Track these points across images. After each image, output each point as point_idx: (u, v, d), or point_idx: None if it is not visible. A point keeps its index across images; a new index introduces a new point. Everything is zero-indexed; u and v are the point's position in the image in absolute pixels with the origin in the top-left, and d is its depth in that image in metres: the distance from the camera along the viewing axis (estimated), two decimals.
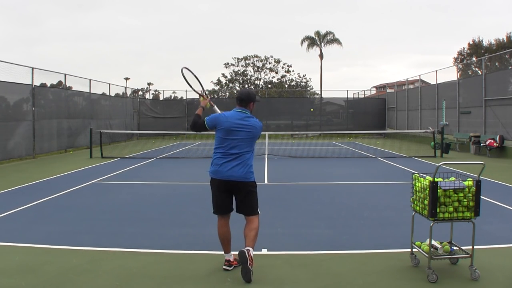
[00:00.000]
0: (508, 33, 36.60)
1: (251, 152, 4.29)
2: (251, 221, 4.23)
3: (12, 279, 4.10)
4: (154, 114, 29.86)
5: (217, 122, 4.29)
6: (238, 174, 4.15)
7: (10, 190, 9.05)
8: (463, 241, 4.53)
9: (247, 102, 4.31)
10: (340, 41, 43.93)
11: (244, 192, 4.22)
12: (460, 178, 4.12)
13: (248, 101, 4.31)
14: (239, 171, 4.16)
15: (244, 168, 4.18)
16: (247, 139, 4.21)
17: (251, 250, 4.07)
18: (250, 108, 4.33)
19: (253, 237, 4.16)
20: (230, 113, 4.31)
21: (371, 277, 4.10)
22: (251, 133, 4.23)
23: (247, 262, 3.93)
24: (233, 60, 48.24)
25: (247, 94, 4.36)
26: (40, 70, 16.75)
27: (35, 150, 16.03)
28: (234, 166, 4.15)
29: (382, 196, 8.37)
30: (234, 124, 4.20)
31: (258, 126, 4.30)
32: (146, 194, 8.70)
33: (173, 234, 5.72)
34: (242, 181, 4.18)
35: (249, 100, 4.32)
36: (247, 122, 4.24)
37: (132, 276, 4.17)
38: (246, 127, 4.22)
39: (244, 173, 4.18)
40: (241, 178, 4.17)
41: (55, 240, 5.36)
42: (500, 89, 16.52)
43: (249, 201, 4.25)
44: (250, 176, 4.23)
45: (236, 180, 4.16)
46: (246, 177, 4.20)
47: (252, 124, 4.25)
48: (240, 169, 4.16)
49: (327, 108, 33.62)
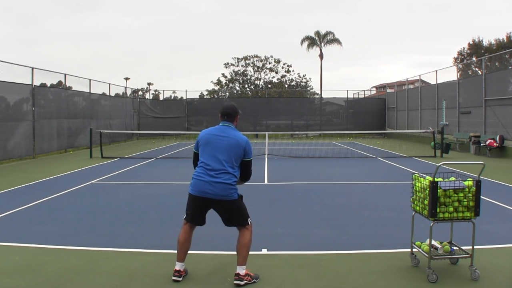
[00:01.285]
0: (508, 33, 36.62)
1: (235, 168, 3.95)
2: (242, 234, 4.03)
3: (12, 279, 4.10)
4: (154, 114, 29.86)
5: (197, 140, 4.09)
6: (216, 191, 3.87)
7: (10, 190, 9.05)
8: (463, 241, 4.53)
9: (234, 116, 4.09)
10: (340, 41, 43.98)
11: (225, 208, 3.98)
12: (460, 178, 4.12)
13: (235, 114, 4.09)
14: (217, 187, 3.86)
15: (223, 185, 3.87)
16: (229, 150, 3.91)
17: (241, 271, 3.94)
18: (237, 121, 4.13)
19: (244, 254, 3.99)
20: (212, 128, 4.11)
21: (371, 277, 4.10)
22: (233, 144, 3.92)
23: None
24: (233, 60, 48.22)
25: (233, 107, 4.12)
26: (40, 70, 16.77)
27: (35, 150, 16.03)
28: (211, 182, 3.87)
29: (382, 196, 8.37)
30: (213, 136, 3.99)
31: (242, 139, 3.98)
32: (146, 194, 8.70)
33: (173, 234, 5.69)
34: (221, 199, 3.90)
35: (236, 113, 4.10)
36: (227, 134, 3.98)
37: (132, 276, 4.17)
38: (226, 139, 3.95)
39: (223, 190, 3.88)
40: (220, 197, 3.89)
41: (55, 240, 5.36)
42: (500, 89, 16.52)
43: (231, 216, 4.03)
44: (230, 194, 3.92)
45: (214, 198, 3.89)
46: (225, 194, 3.90)
47: (234, 135, 3.99)
48: (219, 186, 3.86)
49: (327, 108, 33.63)
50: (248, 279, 3.97)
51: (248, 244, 4.01)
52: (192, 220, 4.13)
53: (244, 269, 3.99)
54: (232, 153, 3.93)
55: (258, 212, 6.95)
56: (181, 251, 4.10)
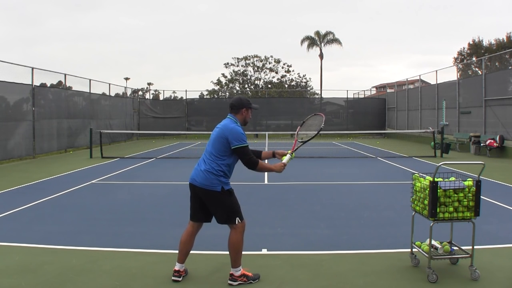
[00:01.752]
0: (508, 33, 36.61)
1: (221, 158, 3.92)
2: (229, 234, 3.96)
3: (12, 279, 4.10)
4: (154, 114, 29.86)
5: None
6: (199, 179, 3.91)
7: (10, 190, 9.05)
8: (463, 241, 4.53)
9: (238, 108, 4.09)
10: (340, 41, 43.97)
11: (208, 200, 3.95)
12: (460, 178, 4.12)
13: (239, 107, 4.08)
14: (201, 176, 3.91)
15: (206, 174, 3.89)
16: (214, 140, 3.97)
17: (234, 272, 3.94)
18: (242, 114, 4.09)
19: (233, 256, 3.93)
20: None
21: (371, 277, 4.10)
22: (217, 133, 3.96)
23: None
24: (233, 60, 48.30)
25: (237, 100, 4.14)
26: (40, 70, 16.77)
27: (35, 150, 16.03)
28: (198, 170, 3.95)
29: (382, 196, 8.36)
30: (214, 129, 4.11)
31: (227, 127, 3.94)
32: (146, 194, 8.70)
33: (173, 234, 5.70)
34: (203, 188, 3.90)
35: (240, 106, 4.08)
36: (220, 125, 4.04)
37: (132, 276, 4.17)
38: (216, 130, 4.02)
39: (205, 179, 3.89)
40: (202, 185, 3.90)
41: (55, 240, 5.36)
42: (500, 89, 16.52)
43: (214, 210, 3.97)
44: (211, 185, 3.88)
45: (198, 186, 3.92)
46: (206, 184, 3.89)
47: (222, 125, 4.01)
48: (203, 174, 3.90)
49: (327, 108, 33.61)
50: (243, 280, 3.94)
51: (235, 246, 3.91)
52: (193, 215, 4.13)
53: (239, 270, 3.95)
54: (217, 143, 3.94)
55: (258, 212, 6.95)
56: (182, 252, 4.10)
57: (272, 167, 4.07)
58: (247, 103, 4.13)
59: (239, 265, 3.97)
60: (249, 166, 3.96)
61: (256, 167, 3.96)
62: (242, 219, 3.98)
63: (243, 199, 8.03)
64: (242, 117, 4.12)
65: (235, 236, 3.92)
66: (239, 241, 3.92)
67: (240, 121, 4.10)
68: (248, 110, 4.14)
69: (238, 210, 3.98)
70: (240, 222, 3.94)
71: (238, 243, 3.91)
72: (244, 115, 4.13)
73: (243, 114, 4.12)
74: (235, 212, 3.94)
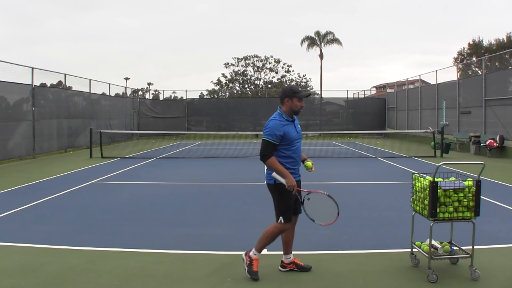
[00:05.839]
0: (508, 33, 36.63)
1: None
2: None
3: (12, 279, 4.10)
4: (154, 114, 29.85)
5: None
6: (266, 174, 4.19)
7: (10, 190, 9.05)
8: (463, 241, 4.52)
9: (281, 99, 4.14)
10: (340, 41, 43.98)
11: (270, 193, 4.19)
12: (460, 178, 4.11)
13: (282, 97, 4.14)
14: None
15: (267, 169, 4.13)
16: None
17: (250, 252, 4.16)
18: (286, 104, 4.11)
19: (260, 240, 4.15)
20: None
21: (371, 277, 4.11)
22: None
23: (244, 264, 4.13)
24: (233, 60, 48.26)
25: (281, 91, 4.21)
26: (40, 70, 16.77)
27: (35, 150, 16.03)
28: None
29: (382, 196, 8.36)
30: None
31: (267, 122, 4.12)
32: (146, 194, 8.70)
33: (173, 234, 5.71)
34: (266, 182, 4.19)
35: (282, 96, 4.13)
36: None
37: (132, 276, 4.17)
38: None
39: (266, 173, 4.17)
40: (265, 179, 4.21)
41: (55, 240, 5.36)
42: (500, 89, 16.52)
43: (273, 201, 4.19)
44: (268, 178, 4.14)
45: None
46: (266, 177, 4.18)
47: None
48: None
49: (327, 108, 33.64)
50: (247, 260, 4.12)
51: (266, 234, 4.09)
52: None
53: (253, 254, 4.10)
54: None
55: (258, 212, 6.95)
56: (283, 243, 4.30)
57: (284, 174, 4.01)
58: (290, 92, 4.12)
59: (257, 250, 4.12)
60: (260, 158, 4.07)
61: (265, 162, 4.04)
62: (286, 221, 4.05)
63: (243, 199, 8.07)
64: (287, 107, 4.12)
65: (272, 229, 4.10)
66: (271, 234, 4.09)
67: (286, 112, 4.12)
68: (293, 99, 4.09)
69: (284, 211, 4.06)
70: (281, 223, 4.05)
71: (270, 235, 4.09)
72: (289, 105, 4.10)
73: (287, 104, 4.10)
74: (279, 209, 4.08)
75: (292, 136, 4.07)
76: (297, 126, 4.22)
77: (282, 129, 4.01)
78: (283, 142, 4.03)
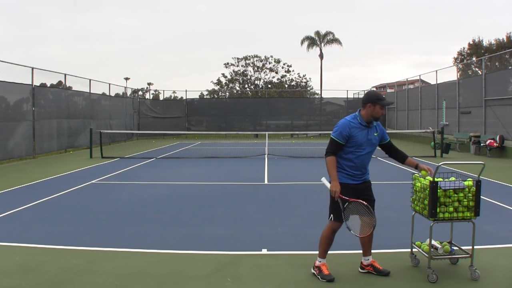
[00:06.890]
0: (508, 33, 36.56)
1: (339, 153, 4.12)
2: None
3: (12, 279, 4.10)
4: (154, 114, 29.86)
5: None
6: None
7: (10, 190, 9.05)
8: (463, 241, 4.52)
9: (363, 103, 4.09)
10: (340, 41, 43.92)
11: None
12: (460, 178, 4.11)
13: (364, 101, 4.08)
14: None
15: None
16: None
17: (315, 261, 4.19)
18: (367, 109, 4.04)
19: (319, 246, 4.19)
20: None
21: (371, 277, 4.11)
22: None
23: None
24: (233, 60, 48.18)
25: (365, 94, 4.20)
26: (40, 70, 16.76)
27: (35, 150, 16.03)
28: None
29: (382, 196, 8.31)
30: None
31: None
32: (146, 194, 8.70)
33: (173, 234, 5.71)
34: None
35: (365, 100, 4.08)
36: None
37: (132, 276, 4.17)
38: None
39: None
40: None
41: (55, 240, 5.36)
42: (500, 89, 16.52)
43: None
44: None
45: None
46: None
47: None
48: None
49: (327, 108, 33.62)
50: (316, 271, 4.12)
51: (321, 236, 4.17)
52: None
53: (319, 262, 4.14)
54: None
55: (258, 212, 6.95)
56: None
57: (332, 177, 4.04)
58: (374, 98, 4.04)
59: (320, 256, 4.16)
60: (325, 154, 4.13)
61: (326, 159, 4.09)
62: (336, 220, 4.07)
63: (243, 199, 8.07)
64: (367, 112, 4.05)
65: (324, 230, 4.18)
66: (325, 235, 4.15)
67: (364, 116, 4.07)
68: (376, 105, 4.00)
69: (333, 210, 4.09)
70: (332, 221, 4.11)
71: (323, 236, 4.17)
72: (371, 111, 4.03)
73: (369, 109, 4.03)
74: (330, 208, 4.13)
75: (359, 141, 4.01)
76: (371, 134, 4.09)
77: (350, 130, 4.00)
78: (349, 144, 4.02)
